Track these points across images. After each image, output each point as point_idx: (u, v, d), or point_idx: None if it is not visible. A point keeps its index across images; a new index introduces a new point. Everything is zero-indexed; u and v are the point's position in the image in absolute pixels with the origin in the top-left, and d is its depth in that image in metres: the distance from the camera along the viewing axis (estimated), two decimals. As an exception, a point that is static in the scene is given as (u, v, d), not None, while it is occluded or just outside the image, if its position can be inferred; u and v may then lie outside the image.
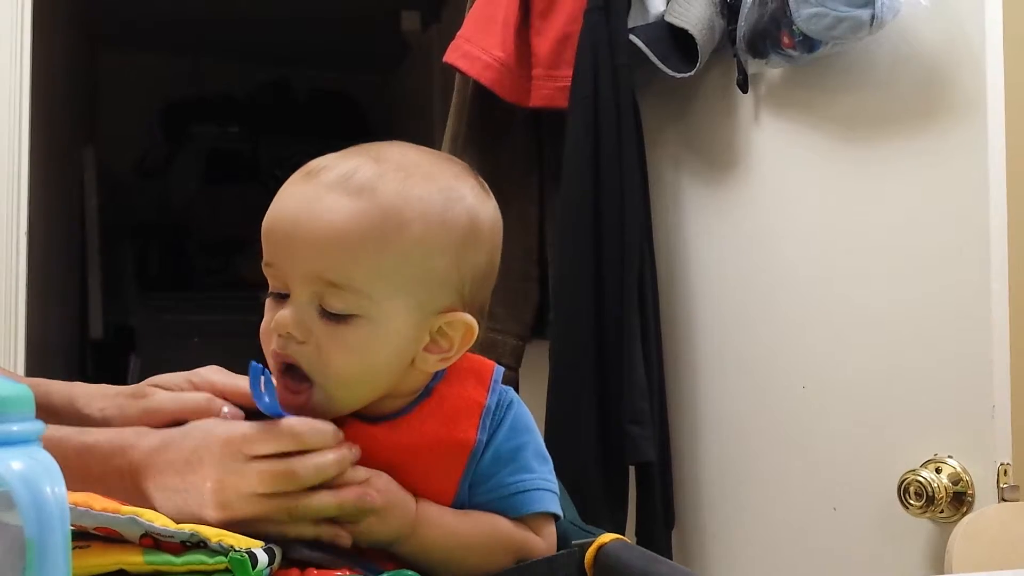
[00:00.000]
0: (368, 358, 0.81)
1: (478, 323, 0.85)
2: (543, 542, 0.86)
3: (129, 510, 0.69)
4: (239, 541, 0.71)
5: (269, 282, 0.83)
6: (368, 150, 0.85)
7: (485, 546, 0.83)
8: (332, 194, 0.81)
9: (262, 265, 0.84)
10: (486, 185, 0.88)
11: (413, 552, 0.81)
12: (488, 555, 0.83)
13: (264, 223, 0.83)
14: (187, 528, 0.70)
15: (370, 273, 0.80)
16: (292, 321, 0.80)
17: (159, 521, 0.70)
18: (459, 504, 0.85)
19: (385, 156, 0.84)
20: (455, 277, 0.84)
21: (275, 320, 0.81)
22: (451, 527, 0.83)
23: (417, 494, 0.83)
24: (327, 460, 0.77)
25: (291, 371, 0.81)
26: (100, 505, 0.69)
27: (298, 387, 0.81)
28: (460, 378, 0.88)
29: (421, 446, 0.84)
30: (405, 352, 0.83)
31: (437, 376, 0.87)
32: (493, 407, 0.86)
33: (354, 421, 0.84)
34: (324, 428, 0.78)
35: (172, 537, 0.70)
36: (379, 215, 0.80)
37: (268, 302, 0.83)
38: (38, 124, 1.77)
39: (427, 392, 0.86)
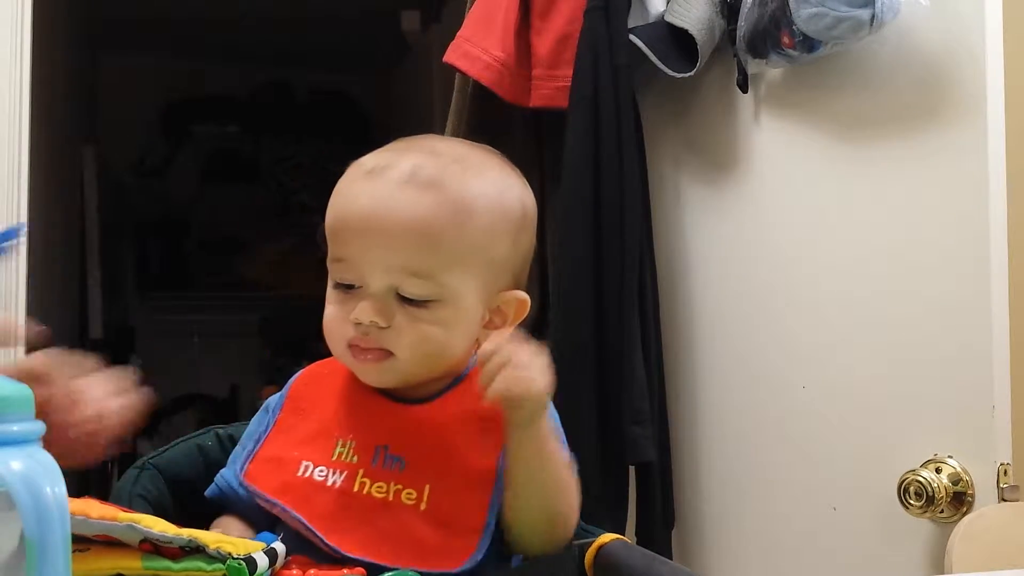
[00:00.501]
0: (445, 338, 0.87)
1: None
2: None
3: (127, 517, 0.69)
4: (237, 547, 0.70)
5: (335, 274, 0.89)
6: (418, 145, 0.92)
7: (565, 470, 0.88)
8: (406, 190, 0.86)
9: (329, 260, 0.89)
10: (518, 170, 0.96)
11: (530, 452, 0.85)
12: (567, 482, 0.88)
13: (335, 220, 0.89)
14: (185, 534, 0.70)
15: (446, 261, 0.86)
16: (374, 310, 0.86)
17: (157, 527, 0.69)
18: (501, 478, 0.87)
19: (438, 150, 0.91)
20: (512, 259, 0.92)
21: (357, 311, 0.86)
22: (551, 442, 0.87)
23: (462, 468, 0.87)
24: None
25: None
26: (97, 513, 0.69)
27: (369, 349, 0.87)
28: None
29: (460, 420, 0.88)
30: (473, 331, 0.90)
31: (471, 363, 0.92)
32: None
33: (393, 404, 0.89)
34: None
35: (171, 542, 0.69)
36: (452, 208, 0.86)
37: (334, 294, 0.89)
38: (38, 123, 1.77)
39: (461, 377, 0.91)
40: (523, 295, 0.93)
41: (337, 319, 0.89)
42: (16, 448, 0.51)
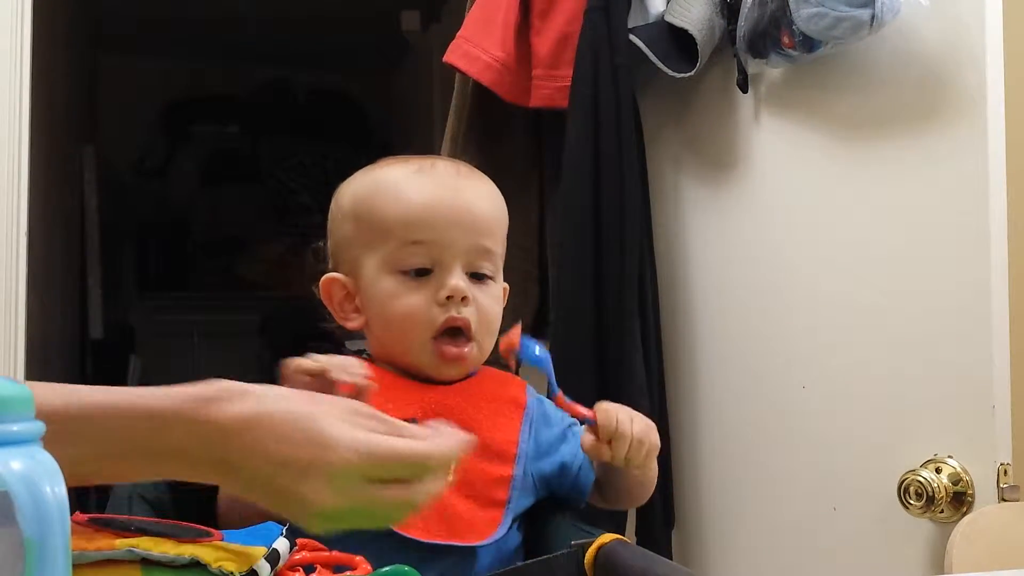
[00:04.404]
0: (498, 314, 0.99)
1: None
2: None
3: (124, 543, 0.69)
4: (238, 563, 0.70)
5: (410, 260, 0.95)
6: (423, 157, 1.02)
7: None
8: (466, 180, 0.98)
9: (394, 248, 0.95)
10: None
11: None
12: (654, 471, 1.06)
13: (413, 209, 0.95)
14: (186, 553, 0.69)
15: (498, 240, 0.99)
16: (465, 286, 0.94)
17: (157, 548, 0.69)
18: (525, 456, 0.96)
19: (431, 156, 1.04)
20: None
21: (452, 288, 0.93)
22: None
23: (486, 444, 0.93)
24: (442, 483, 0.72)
25: (449, 334, 0.95)
26: (94, 545, 0.68)
27: (460, 346, 0.95)
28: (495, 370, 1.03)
29: (485, 398, 0.97)
30: None
31: None
32: (534, 388, 1.02)
33: (420, 384, 0.96)
34: (448, 450, 0.71)
35: (172, 563, 0.69)
36: (497, 194, 1.00)
37: (406, 282, 0.95)
38: (38, 124, 1.77)
39: (474, 371, 1.00)
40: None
41: (424, 304, 0.94)
42: (16, 448, 0.51)
